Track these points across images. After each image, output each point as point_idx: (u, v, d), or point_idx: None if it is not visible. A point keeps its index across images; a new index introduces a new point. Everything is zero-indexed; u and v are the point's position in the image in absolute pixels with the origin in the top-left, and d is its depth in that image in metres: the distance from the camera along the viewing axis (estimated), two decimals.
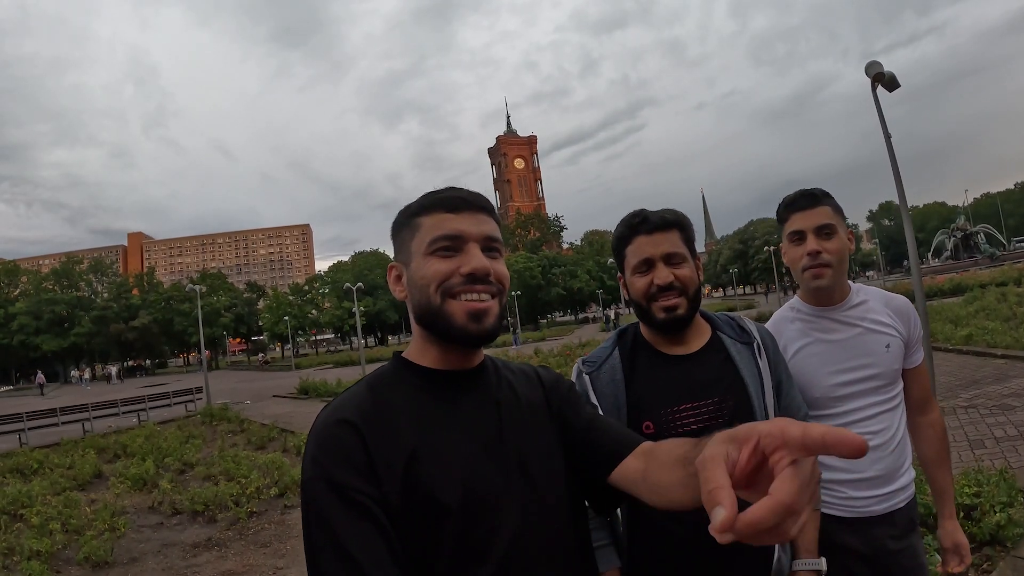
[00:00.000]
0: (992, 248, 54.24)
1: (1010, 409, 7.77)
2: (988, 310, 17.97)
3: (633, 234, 1.73)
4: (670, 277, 1.67)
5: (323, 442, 1.15)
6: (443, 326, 1.24)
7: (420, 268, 1.25)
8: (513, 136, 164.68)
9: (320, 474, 1.11)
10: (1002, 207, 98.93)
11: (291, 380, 29.84)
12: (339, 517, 1.08)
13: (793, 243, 2.08)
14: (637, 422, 1.65)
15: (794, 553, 1.67)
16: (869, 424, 2.03)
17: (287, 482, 8.68)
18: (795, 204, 2.09)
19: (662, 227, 1.71)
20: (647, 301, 1.70)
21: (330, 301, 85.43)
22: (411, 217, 1.30)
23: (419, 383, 1.27)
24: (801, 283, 2.12)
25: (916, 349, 2.17)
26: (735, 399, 1.65)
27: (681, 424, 1.62)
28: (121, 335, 79.28)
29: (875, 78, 9.59)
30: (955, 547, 2.14)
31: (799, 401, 1.83)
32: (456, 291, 1.22)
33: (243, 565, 6.20)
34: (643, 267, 1.70)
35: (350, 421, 1.15)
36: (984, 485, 4.51)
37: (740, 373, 1.69)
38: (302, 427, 14.18)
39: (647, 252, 1.69)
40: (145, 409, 19.79)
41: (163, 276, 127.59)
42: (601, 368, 1.75)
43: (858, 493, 2.01)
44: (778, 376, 1.76)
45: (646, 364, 1.75)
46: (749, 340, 1.76)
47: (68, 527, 7.50)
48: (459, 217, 1.25)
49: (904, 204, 9.95)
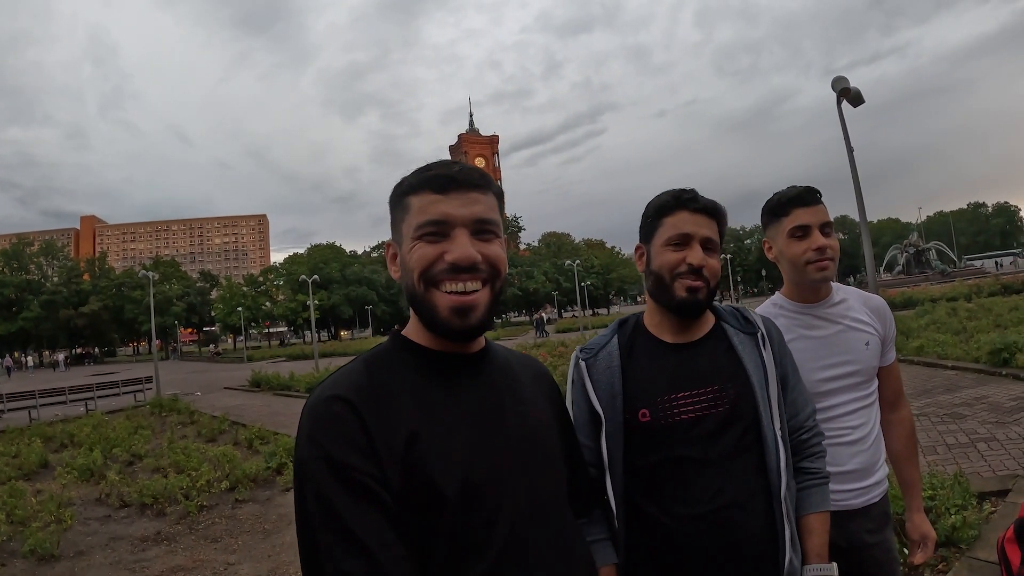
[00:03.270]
0: (943, 265, 55.45)
1: (961, 418, 7.95)
2: (939, 323, 18.38)
3: (679, 207, 1.68)
4: (704, 261, 1.64)
5: (320, 420, 1.10)
6: (427, 316, 1.21)
7: (407, 252, 1.22)
8: (476, 135, 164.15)
9: (319, 453, 1.06)
10: (954, 225, 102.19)
11: (243, 372, 29.50)
12: (342, 498, 1.04)
13: (795, 238, 2.07)
14: (633, 409, 1.62)
15: (805, 558, 1.63)
16: (849, 419, 2.07)
17: (238, 476, 8.51)
18: (800, 199, 2.07)
19: (708, 211, 1.68)
20: (672, 277, 1.66)
21: (284, 293, 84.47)
22: (402, 196, 1.25)
23: (418, 364, 1.23)
24: (799, 278, 2.10)
25: (890, 348, 2.23)
26: (736, 389, 1.62)
27: (678, 412, 1.59)
28: (70, 321, 77.45)
29: (841, 93, 9.80)
30: (922, 538, 2.21)
31: (806, 396, 1.80)
32: (439, 279, 1.18)
33: (193, 560, 6.03)
34: (679, 241, 1.66)
35: (347, 399, 1.11)
36: (939, 489, 4.59)
37: (743, 362, 1.65)
38: (253, 420, 14.04)
39: (688, 228, 1.65)
40: (93, 398, 19.39)
41: (115, 262, 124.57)
42: (598, 355, 1.72)
43: (838, 486, 2.01)
44: (784, 369, 1.73)
45: (644, 352, 1.72)
46: (753, 331, 1.73)
47: (13, 518, 7.28)
48: (447, 199, 1.20)
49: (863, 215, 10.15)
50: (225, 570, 5.76)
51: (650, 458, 1.60)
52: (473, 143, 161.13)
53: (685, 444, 1.57)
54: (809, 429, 1.74)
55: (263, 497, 8.07)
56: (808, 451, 1.73)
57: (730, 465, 1.57)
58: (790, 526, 1.57)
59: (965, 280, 39.23)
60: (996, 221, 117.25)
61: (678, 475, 1.58)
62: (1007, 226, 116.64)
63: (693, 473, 1.57)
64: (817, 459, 1.74)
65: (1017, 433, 6.95)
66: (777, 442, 1.59)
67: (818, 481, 1.71)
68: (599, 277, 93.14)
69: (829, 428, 2.03)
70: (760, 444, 1.59)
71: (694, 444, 1.57)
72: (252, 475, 8.62)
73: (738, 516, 1.54)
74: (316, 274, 51.22)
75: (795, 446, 1.70)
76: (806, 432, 1.73)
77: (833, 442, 2.02)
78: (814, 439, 1.75)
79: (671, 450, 1.58)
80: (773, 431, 1.59)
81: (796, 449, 1.70)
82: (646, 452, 1.61)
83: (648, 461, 1.60)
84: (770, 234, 2.17)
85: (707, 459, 1.56)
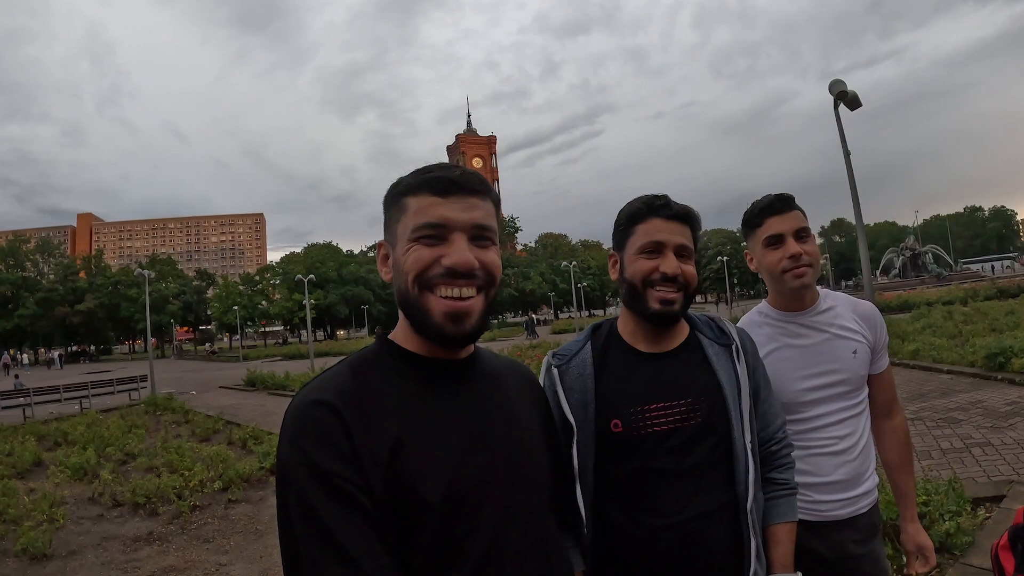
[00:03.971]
0: (940, 268, 55.68)
1: (956, 422, 7.95)
2: (935, 327, 18.39)
3: (651, 214, 1.66)
4: (678, 269, 1.62)
5: (303, 424, 1.09)
6: (420, 321, 1.19)
7: (402, 254, 1.19)
8: (473, 135, 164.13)
9: (301, 459, 1.05)
10: (951, 229, 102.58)
11: (238, 371, 29.38)
12: (325, 505, 1.03)
13: (770, 247, 2.05)
14: (605, 419, 1.60)
15: (769, 567, 1.63)
16: (835, 429, 2.04)
17: (231, 476, 8.48)
18: (771, 208, 2.05)
19: (681, 218, 1.66)
20: (645, 286, 1.64)
21: (280, 292, 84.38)
22: (399, 196, 1.23)
23: (405, 369, 1.22)
24: (779, 286, 2.08)
25: (882, 355, 2.20)
26: (709, 402, 1.60)
27: (651, 424, 1.58)
28: (66, 319, 77.26)
29: (838, 96, 9.80)
30: (919, 549, 2.16)
31: (777, 408, 1.79)
32: (434, 284, 1.16)
33: (185, 560, 6.00)
34: (651, 249, 1.64)
35: (330, 404, 1.09)
36: (933, 494, 4.59)
37: (716, 375, 1.64)
38: (248, 419, 14.03)
39: (661, 236, 1.63)
40: (88, 396, 19.33)
41: (112, 260, 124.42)
42: (571, 362, 1.70)
43: (823, 497, 2.02)
44: (756, 381, 1.72)
45: (618, 360, 1.70)
46: (728, 342, 1.71)
47: (6, 517, 7.26)
48: (446, 202, 1.18)
49: (859, 219, 10.17)
50: (217, 570, 5.74)
51: (621, 468, 1.59)
52: (471, 143, 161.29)
53: (657, 456, 1.57)
54: (779, 441, 1.75)
55: (256, 497, 8.04)
56: (777, 462, 1.73)
57: (700, 477, 1.57)
58: (755, 538, 1.57)
59: (961, 284, 39.38)
60: (993, 225, 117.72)
61: (648, 486, 1.57)
62: (1004, 230, 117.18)
63: (664, 484, 1.56)
64: (786, 470, 1.74)
65: (1012, 438, 6.95)
66: (747, 455, 1.59)
67: (786, 492, 1.72)
68: (595, 278, 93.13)
69: (814, 438, 2.02)
70: (730, 457, 1.59)
71: (666, 456, 1.56)
72: (245, 475, 8.60)
73: (705, 527, 1.54)
74: (312, 273, 51.33)
75: (765, 457, 1.70)
76: (776, 444, 1.74)
77: (818, 452, 2.02)
78: (784, 450, 1.75)
79: (643, 461, 1.57)
80: (743, 444, 1.59)
81: (765, 460, 1.70)
82: (617, 462, 1.59)
83: (619, 471, 1.59)
84: (750, 245, 2.16)
85: (678, 471, 1.56)
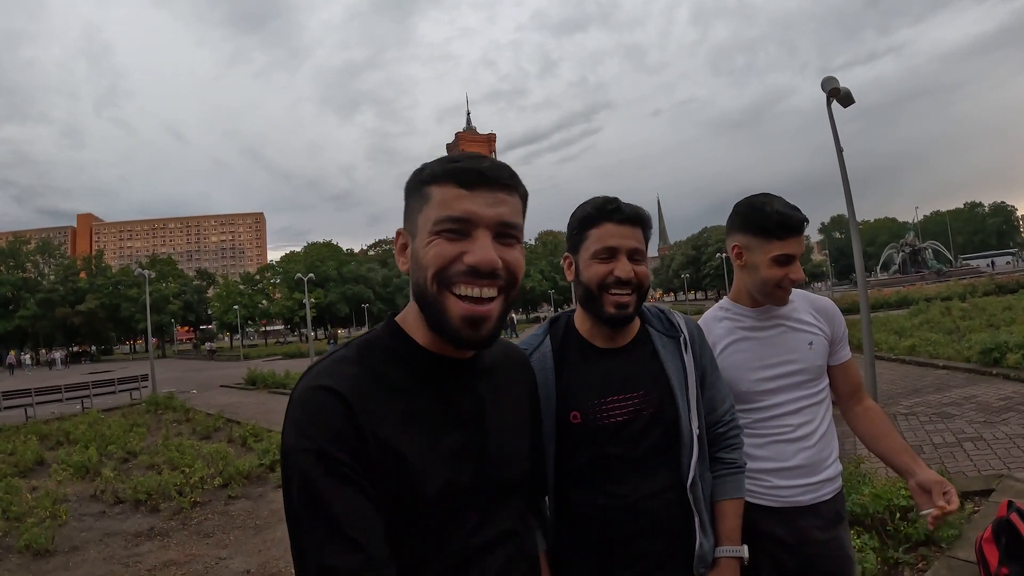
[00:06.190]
0: (939, 264, 55.53)
1: (949, 417, 8.01)
2: (932, 323, 18.46)
3: (603, 219, 1.71)
4: (632, 273, 1.68)
5: (310, 410, 1.07)
6: (436, 319, 1.14)
7: (422, 247, 1.13)
8: (473, 133, 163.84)
9: (308, 446, 1.04)
10: (951, 225, 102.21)
11: (239, 370, 29.46)
12: (333, 493, 1.03)
13: (778, 264, 2.06)
14: (565, 411, 1.69)
15: (717, 540, 1.74)
16: (793, 417, 2.11)
17: (231, 472, 8.56)
18: (796, 228, 2.06)
19: (633, 221, 1.72)
20: (600, 290, 1.70)
21: (281, 292, 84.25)
22: (422, 184, 1.17)
23: (412, 360, 1.19)
24: (766, 295, 2.12)
25: (842, 347, 2.25)
26: (660, 393, 1.71)
27: (608, 415, 1.67)
28: (67, 319, 77.04)
29: (831, 93, 9.82)
30: (936, 484, 1.93)
31: (724, 393, 1.89)
32: (455, 281, 1.11)
33: (186, 555, 6.08)
34: (605, 255, 1.70)
35: (338, 391, 1.08)
36: None
37: (665, 368, 1.74)
38: (248, 417, 14.09)
39: (613, 242, 1.69)
40: (89, 396, 19.35)
41: (112, 260, 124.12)
42: (532, 356, 1.75)
43: (783, 482, 2.07)
44: (702, 368, 1.81)
45: (577, 355, 1.78)
46: (676, 334, 1.81)
47: (9, 514, 7.33)
48: (472, 196, 1.12)
49: (852, 216, 10.16)
50: (216, 564, 5.81)
51: (580, 456, 1.68)
52: (471, 141, 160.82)
53: (613, 444, 1.67)
54: (726, 423, 1.85)
55: (255, 494, 8.12)
56: (725, 443, 1.84)
57: (650, 461, 1.68)
58: (699, 514, 1.67)
59: (961, 280, 39.30)
60: (993, 221, 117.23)
61: (605, 471, 1.67)
62: (1004, 226, 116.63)
63: (618, 469, 1.67)
64: (733, 450, 1.84)
65: (1004, 433, 7.01)
66: (692, 440, 1.69)
67: (733, 471, 1.82)
68: None
69: (773, 426, 2.09)
70: (677, 442, 1.69)
71: (621, 444, 1.67)
72: (245, 472, 8.68)
73: (655, 505, 1.65)
74: (312, 272, 51.16)
75: (713, 439, 1.81)
76: (723, 425, 1.84)
77: (778, 439, 2.08)
78: (731, 431, 1.85)
79: (600, 449, 1.67)
80: (690, 430, 1.69)
81: (714, 441, 1.81)
82: (576, 450, 1.69)
83: (578, 458, 1.69)
84: (749, 245, 2.13)
85: (632, 457, 1.66)
